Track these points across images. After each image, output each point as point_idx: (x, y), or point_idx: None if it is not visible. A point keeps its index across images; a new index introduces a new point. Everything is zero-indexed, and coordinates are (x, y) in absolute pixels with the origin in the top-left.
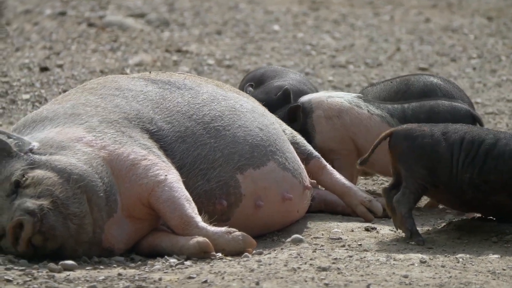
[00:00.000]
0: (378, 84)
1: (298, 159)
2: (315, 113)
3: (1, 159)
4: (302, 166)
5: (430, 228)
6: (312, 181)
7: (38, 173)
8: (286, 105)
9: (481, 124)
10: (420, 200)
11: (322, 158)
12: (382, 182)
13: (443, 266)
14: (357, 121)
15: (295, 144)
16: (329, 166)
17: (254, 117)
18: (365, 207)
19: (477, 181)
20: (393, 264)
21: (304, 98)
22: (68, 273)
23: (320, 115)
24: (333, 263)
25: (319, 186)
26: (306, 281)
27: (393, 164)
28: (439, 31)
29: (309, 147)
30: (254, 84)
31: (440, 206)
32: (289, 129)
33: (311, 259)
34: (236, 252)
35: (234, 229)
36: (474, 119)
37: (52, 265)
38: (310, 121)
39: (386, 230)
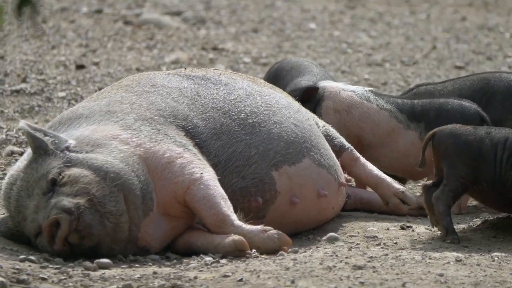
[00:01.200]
0: (449, 81)
1: (334, 155)
2: (325, 102)
3: (37, 157)
4: (338, 162)
5: (465, 227)
6: (348, 177)
7: (75, 171)
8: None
9: (488, 125)
10: (459, 198)
11: (355, 150)
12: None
13: (478, 265)
14: (365, 116)
15: (327, 137)
16: (362, 158)
17: (290, 113)
18: (398, 198)
19: None
20: (429, 262)
21: (321, 84)
22: (103, 271)
23: (329, 106)
24: (369, 261)
25: (352, 179)
26: (341, 279)
27: (435, 163)
28: (475, 29)
29: (342, 139)
30: (272, 79)
31: (475, 203)
32: (321, 122)
33: (346, 257)
34: (271, 250)
35: (269, 228)
36: (482, 120)
37: (87, 263)
38: (319, 109)
39: (421, 229)
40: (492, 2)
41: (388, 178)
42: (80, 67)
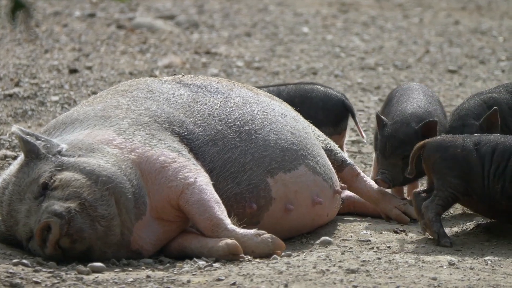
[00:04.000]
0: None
1: (329, 163)
2: None
3: (29, 161)
4: (333, 170)
5: (458, 231)
6: (343, 185)
7: (66, 175)
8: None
9: (353, 114)
10: (448, 209)
11: (356, 166)
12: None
13: (471, 269)
14: None
15: (329, 151)
16: (362, 174)
17: (286, 121)
18: (400, 210)
19: (510, 191)
20: (422, 266)
21: None
22: (96, 275)
23: None
24: (362, 265)
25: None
26: (334, 283)
27: (427, 174)
28: (468, 33)
29: (343, 155)
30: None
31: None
32: (322, 136)
33: (339, 261)
34: (265, 254)
35: (263, 231)
36: (346, 109)
37: (80, 267)
38: None
39: (414, 232)
40: (485, 6)
41: (389, 193)
42: (73, 71)
